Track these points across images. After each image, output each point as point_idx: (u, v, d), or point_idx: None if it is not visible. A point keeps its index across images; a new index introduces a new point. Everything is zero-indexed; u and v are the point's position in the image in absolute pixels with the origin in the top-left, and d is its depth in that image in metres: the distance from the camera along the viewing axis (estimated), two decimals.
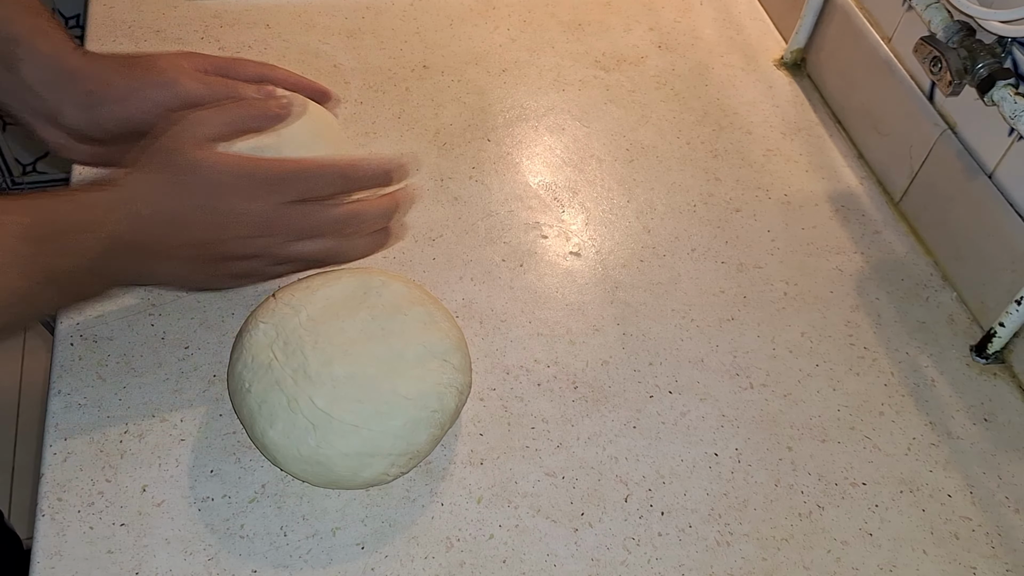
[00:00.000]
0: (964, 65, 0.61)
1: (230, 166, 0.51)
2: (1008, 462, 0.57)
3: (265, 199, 0.51)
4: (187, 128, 0.51)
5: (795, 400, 0.59)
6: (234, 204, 0.50)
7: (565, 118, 0.77)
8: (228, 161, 0.51)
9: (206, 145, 0.51)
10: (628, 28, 0.88)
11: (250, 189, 0.51)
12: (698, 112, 0.80)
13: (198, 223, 0.50)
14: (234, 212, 0.51)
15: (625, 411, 0.57)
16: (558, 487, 0.53)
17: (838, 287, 0.66)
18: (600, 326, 0.62)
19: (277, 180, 0.51)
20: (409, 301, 0.53)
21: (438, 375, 0.50)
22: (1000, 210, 0.62)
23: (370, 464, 0.48)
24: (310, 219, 0.52)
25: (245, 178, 0.51)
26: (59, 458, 0.51)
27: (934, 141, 0.68)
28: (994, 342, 0.62)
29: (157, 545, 0.48)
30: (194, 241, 0.51)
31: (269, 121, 0.54)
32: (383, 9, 0.86)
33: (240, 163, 0.51)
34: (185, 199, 0.50)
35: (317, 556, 0.48)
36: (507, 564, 0.49)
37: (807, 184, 0.74)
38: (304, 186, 0.52)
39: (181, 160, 0.50)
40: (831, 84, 0.82)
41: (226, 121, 0.52)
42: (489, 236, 0.67)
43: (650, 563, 0.50)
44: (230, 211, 0.51)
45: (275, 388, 0.48)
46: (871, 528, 0.53)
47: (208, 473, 0.51)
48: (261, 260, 0.53)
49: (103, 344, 0.57)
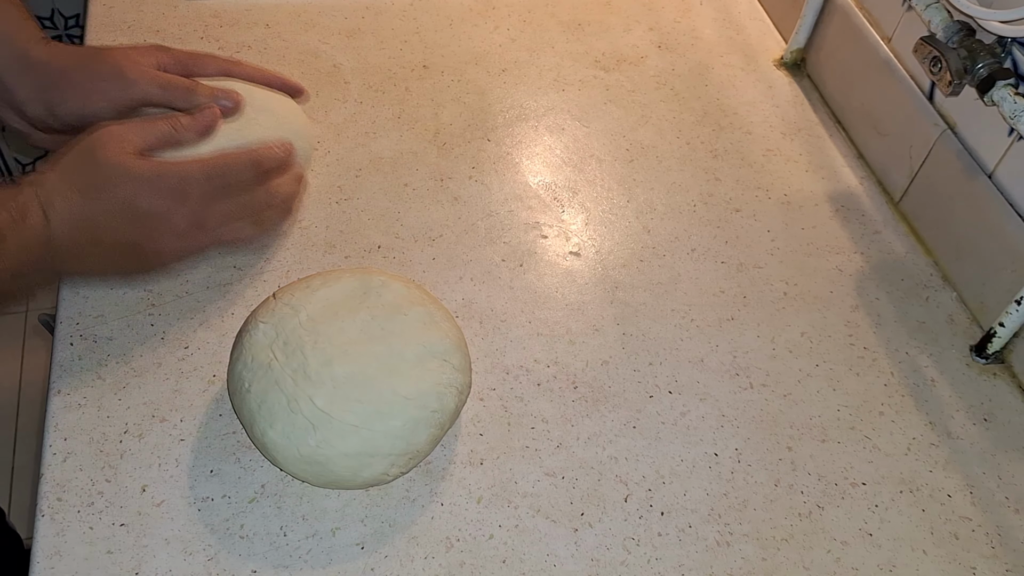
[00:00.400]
0: (964, 65, 0.61)
1: (154, 170, 0.52)
2: (1008, 462, 0.57)
3: (191, 198, 0.53)
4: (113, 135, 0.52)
5: (795, 400, 0.59)
6: (160, 206, 0.52)
7: (565, 118, 0.77)
8: (152, 166, 0.52)
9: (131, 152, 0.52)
10: (628, 28, 0.88)
11: (176, 190, 0.53)
12: (698, 112, 0.80)
13: (125, 225, 0.52)
14: (161, 215, 0.52)
15: (625, 411, 0.57)
16: (558, 487, 0.53)
17: (838, 287, 0.66)
18: (600, 326, 0.62)
19: (198, 179, 0.53)
20: (409, 301, 0.53)
21: (438, 375, 0.50)
22: (1000, 210, 0.62)
23: (370, 464, 0.48)
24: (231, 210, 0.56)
25: (171, 179, 0.52)
26: (59, 458, 0.51)
27: (934, 141, 0.68)
28: (994, 342, 0.62)
29: (157, 545, 0.48)
30: (122, 242, 0.52)
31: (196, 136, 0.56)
32: (383, 9, 0.86)
33: (164, 166, 0.53)
34: (106, 200, 0.51)
35: (317, 556, 0.48)
36: (507, 564, 0.49)
37: (807, 184, 0.74)
38: (223, 180, 0.54)
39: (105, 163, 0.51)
40: (831, 84, 0.82)
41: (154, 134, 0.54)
42: (489, 236, 0.67)
43: (650, 563, 0.50)
44: (159, 212, 0.52)
45: (275, 388, 0.48)
46: (871, 528, 0.53)
47: (208, 473, 0.51)
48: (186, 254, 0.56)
49: (103, 344, 0.56)
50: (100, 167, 0.51)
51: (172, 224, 0.53)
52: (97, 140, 0.52)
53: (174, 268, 0.60)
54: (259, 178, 0.57)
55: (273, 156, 0.57)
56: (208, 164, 0.54)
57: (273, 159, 0.58)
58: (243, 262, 0.62)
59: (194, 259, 0.60)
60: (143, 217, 0.52)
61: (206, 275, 0.61)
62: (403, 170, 0.71)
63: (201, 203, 0.54)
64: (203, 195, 0.54)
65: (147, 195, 0.52)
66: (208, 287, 0.60)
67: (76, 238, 0.50)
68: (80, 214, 0.50)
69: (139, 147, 0.53)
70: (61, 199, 0.50)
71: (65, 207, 0.50)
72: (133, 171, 0.51)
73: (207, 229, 0.55)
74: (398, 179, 0.70)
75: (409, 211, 0.67)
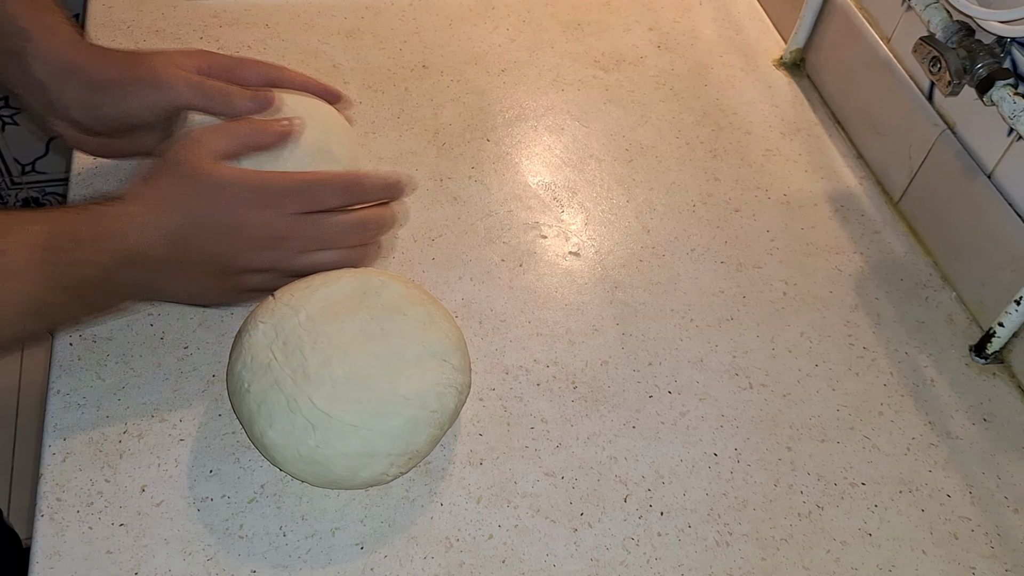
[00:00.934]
0: (963, 65, 0.61)
1: (240, 180, 0.51)
2: (1007, 462, 0.57)
3: (274, 211, 0.52)
4: (196, 143, 0.52)
5: (794, 400, 0.59)
6: (245, 216, 0.51)
7: (564, 118, 0.77)
8: (237, 175, 0.52)
9: (215, 160, 0.52)
10: (627, 28, 0.88)
11: (260, 201, 0.52)
12: (697, 112, 0.80)
13: (210, 236, 0.51)
14: (245, 225, 0.51)
15: (624, 411, 0.57)
16: (557, 487, 0.53)
17: (837, 287, 0.66)
18: (599, 326, 0.62)
19: (285, 192, 0.52)
20: (408, 301, 0.53)
21: (437, 375, 0.50)
22: (999, 210, 0.62)
23: (369, 464, 0.48)
24: (319, 229, 0.53)
25: (255, 191, 0.52)
26: (58, 458, 0.51)
27: (933, 141, 0.68)
28: (993, 342, 0.62)
29: (156, 545, 0.48)
30: (206, 255, 0.52)
31: (275, 139, 0.55)
32: (382, 9, 0.86)
33: (249, 176, 0.52)
34: (196, 213, 0.51)
35: (316, 556, 0.48)
36: (506, 564, 0.49)
37: (806, 184, 0.74)
38: (311, 198, 0.53)
39: (191, 174, 0.51)
40: (830, 84, 0.82)
41: (233, 139, 0.53)
42: (488, 236, 0.67)
43: (649, 563, 0.50)
44: (241, 224, 0.51)
45: (274, 388, 0.48)
46: (870, 528, 0.53)
47: (207, 473, 0.51)
48: (272, 273, 0.54)
49: (102, 344, 0.56)
50: (188, 178, 0.51)
51: (257, 235, 0.52)
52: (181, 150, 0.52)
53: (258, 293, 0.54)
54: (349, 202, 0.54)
55: (375, 186, 0.55)
56: (298, 178, 0.53)
57: (374, 189, 0.55)
58: None
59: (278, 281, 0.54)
60: (230, 229, 0.51)
61: None
62: (403, 170, 0.71)
63: (287, 218, 0.52)
64: (290, 209, 0.52)
65: (234, 205, 0.51)
66: None
67: (167, 253, 0.50)
68: (171, 228, 0.50)
69: (220, 152, 0.52)
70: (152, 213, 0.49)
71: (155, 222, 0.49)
72: (219, 181, 0.51)
73: (293, 247, 0.53)
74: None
75: (408, 211, 0.67)
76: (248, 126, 0.55)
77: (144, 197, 0.50)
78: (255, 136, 0.55)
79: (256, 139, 0.55)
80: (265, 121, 0.56)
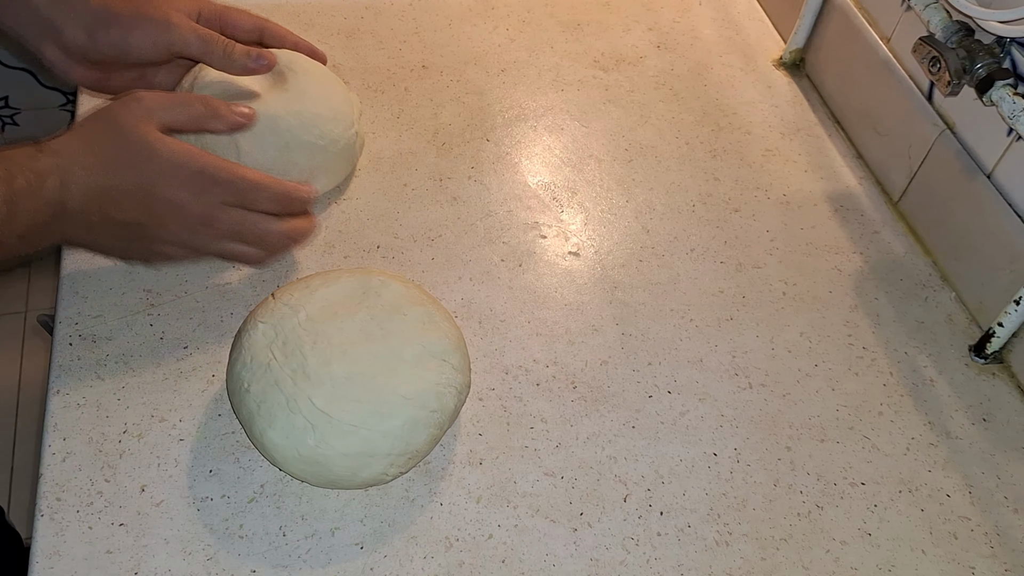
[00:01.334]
0: (963, 65, 0.61)
1: (178, 157, 0.51)
2: (1007, 462, 0.57)
3: (205, 197, 0.52)
4: (142, 107, 0.52)
5: (794, 400, 0.59)
6: (175, 194, 0.52)
7: (564, 118, 0.77)
8: (176, 151, 0.52)
9: (157, 128, 0.52)
10: (627, 28, 0.88)
11: (194, 184, 0.52)
12: (697, 112, 0.80)
13: (136, 205, 0.51)
14: (173, 202, 0.52)
15: (624, 411, 0.57)
16: (557, 487, 0.53)
17: (837, 287, 0.66)
18: (599, 326, 0.62)
19: (222, 183, 0.53)
20: (408, 301, 0.53)
21: (437, 375, 0.50)
22: (999, 210, 0.62)
23: (369, 464, 0.48)
24: (244, 226, 0.55)
25: (191, 173, 0.52)
26: (58, 458, 0.51)
27: (933, 141, 0.68)
28: (993, 342, 0.62)
29: (156, 545, 0.48)
30: (129, 221, 0.52)
31: (226, 127, 0.56)
32: (382, 9, 0.86)
33: (189, 156, 0.52)
34: (124, 176, 0.51)
35: (316, 556, 0.49)
36: (506, 564, 0.49)
37: (806, 184, 0.74)
38: (245, 198, 0.54)
39: (130, 137, 0.51)
40: (830, 84, 0.82)
41: (183, 113, 0.54)
42: (488, 236, 0.67)
43: (649, 563, 0.50)
44: (170, 199, 0.52)
45: (274, 388, 0.48)
46: (870, 528, 0.53)
47: (207, 473, 0.51)
48: (186, 249, 0.55)
49: (102, 344, 0.57)
50: (125, 140, 0.51)
51: (183, 215, 0.52)
52: (124, 109, 0.52)
53: (173, 261, 0.59)
54: (279, 211, 0.56)
55: (302, 198, 0.57)
56: (238, 173, 0.53)
57: (301, 201, 0.57)
58: None
59: (192, 259, 0.60)
60: (157, 201, 0.52)
61: (205, 275, 0.61)
62: (402, 170, 0.71)
63: (216, 206, 0.53)
64: (221, 198, 0.53)
65: (166, 180, 0.51)
66: (207, 287, 0.60)
67: (88, 209, 0.50)
68: (96, 186, 0.50)
69: (166, 123, 0.52)
70: (81, 168, 0.50)
71: (83, 177, 0.50)
72: (158, 151, 0.51)
73: (214, 234, 0.54)
74: (397, 179, 0.70)
75: (408, 211, 0.67)
76: (203, 105, 0.55)
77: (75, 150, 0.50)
78: (207, 118, 0.55)
79: (207, 122, 0.55)
80: (222, 105, 0.56)
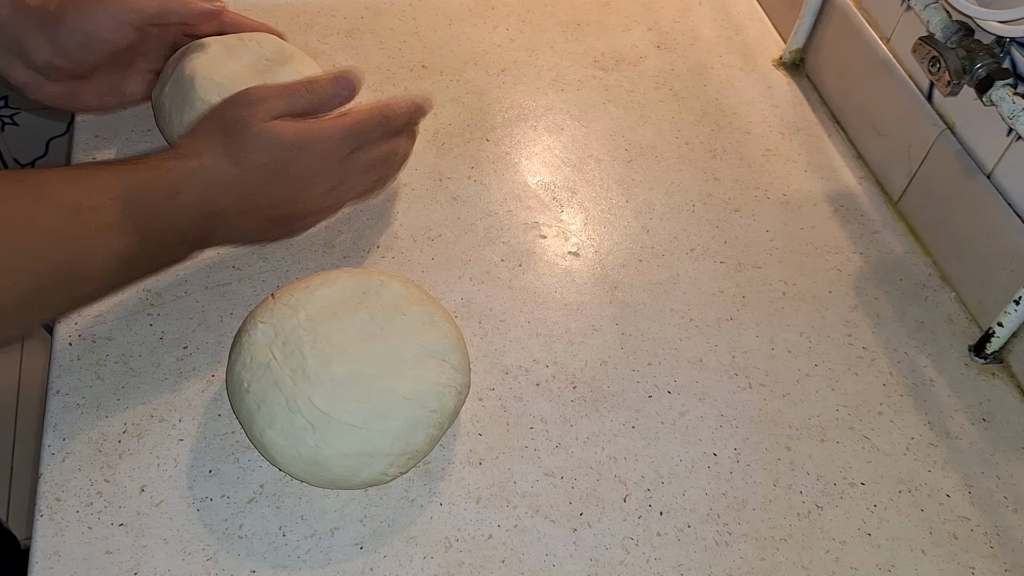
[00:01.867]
0: (963, 65, 0.61)
1: (294, 134, 0.54)
2: (1007, 462, 0.57)
3: (329, 160, 0.56)
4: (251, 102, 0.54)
5: (794, 400, 0.59)
6: (303, 168, 0.55)
7: (564, 118, 0.77)
8: (291, 129, 0.54)
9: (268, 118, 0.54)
10: (627, 28, 0.88)
11: (316, 153, 0.55)
12: (697, 112, 0.80)
13: (274, 190, 0.54)
14: (305, 176, 0.55)
15: (624, 411, 0.57)
16: (557, 487, 0.53)
17: (837, 287, 0.66)
18: (599, 326, 0.62)
19: (337, 139, 0.56)
20: (408, 301, 0.53)
21: (437, 375, 0.50)
22: (999, 210, 0.62)
23: (369, 464, 0.48)
24: (368, 161, 0.59)
25: (310, 144, 0.55)
26: (57, 458, 0.51)
27: (932, 141, 0.68)
28: (992, 342, 0.62)
29: (156, 545, 0.48)
30: (270, 203, 0.55)
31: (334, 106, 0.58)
32: (382, 9, 0.86)
33: (301, 130, 0.55)
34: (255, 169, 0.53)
35: (316, 556, 0.48)
36: (506, 564, 0.49)
37: (806, 184, 0.74)
38: (358, 139, 0.57)
39: (247, 132, 0.53)
40: (830, 84, 0.82)
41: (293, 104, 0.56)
42: (488, 236, 0.67)
43: (649, 563, 0.50)
44: (301, 176, 0.55)
45: (274, 388, 0.48)
46: (870, 528, 0.53)
47: (207, 473, 0.51)
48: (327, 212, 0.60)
49: (101, 344, 0.56)
50: (247, 133, 0.53)
51: (317, 185, 0.56)
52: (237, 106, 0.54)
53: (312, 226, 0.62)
54: (387, 134, 0.60)
55: (404, 113, 0.61)
56: (346, 125, 0.57)
57: (404, 116, 0.61)
58: (242, 262, 0.62)
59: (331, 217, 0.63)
60: (293, 181, 0.54)
61: (205, 275, 0.61)
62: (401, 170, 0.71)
63: (342, 163, 0.57)
64: (343, 155, 0.57)
65: (297, 161, 0.54)
66: (207, 287, 0.60)
67: (231, 204, 0.53)
68: (234, 180, 0.52)
69: (282, 113, 0.55)
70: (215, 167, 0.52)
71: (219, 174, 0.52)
72: (282, 138, 0.53)
73: (344, 187, 0.58)
74: (397, 179, 0.70)
75: (408, 211, 0.67)
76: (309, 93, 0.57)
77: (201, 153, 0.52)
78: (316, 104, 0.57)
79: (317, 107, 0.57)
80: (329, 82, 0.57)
